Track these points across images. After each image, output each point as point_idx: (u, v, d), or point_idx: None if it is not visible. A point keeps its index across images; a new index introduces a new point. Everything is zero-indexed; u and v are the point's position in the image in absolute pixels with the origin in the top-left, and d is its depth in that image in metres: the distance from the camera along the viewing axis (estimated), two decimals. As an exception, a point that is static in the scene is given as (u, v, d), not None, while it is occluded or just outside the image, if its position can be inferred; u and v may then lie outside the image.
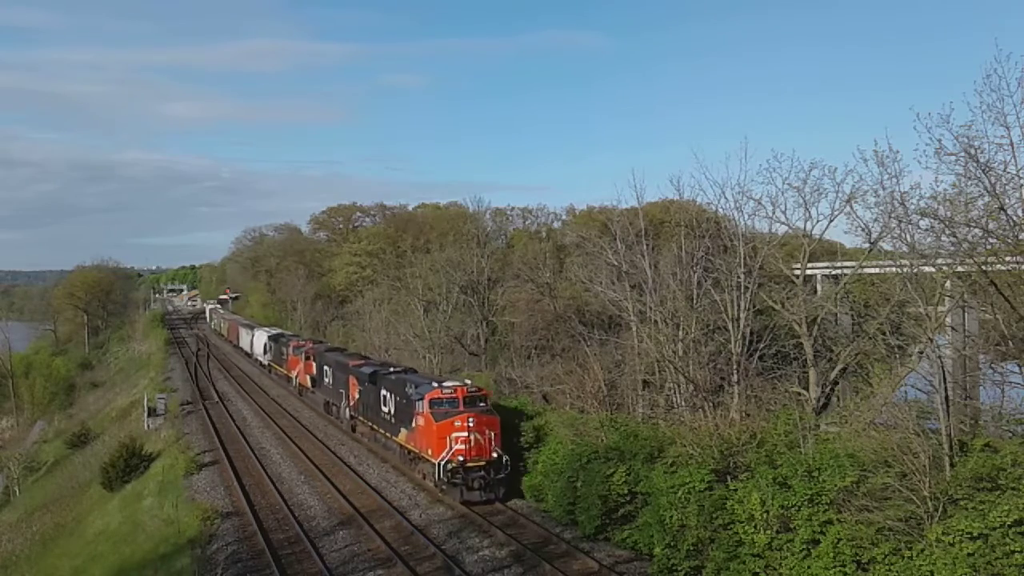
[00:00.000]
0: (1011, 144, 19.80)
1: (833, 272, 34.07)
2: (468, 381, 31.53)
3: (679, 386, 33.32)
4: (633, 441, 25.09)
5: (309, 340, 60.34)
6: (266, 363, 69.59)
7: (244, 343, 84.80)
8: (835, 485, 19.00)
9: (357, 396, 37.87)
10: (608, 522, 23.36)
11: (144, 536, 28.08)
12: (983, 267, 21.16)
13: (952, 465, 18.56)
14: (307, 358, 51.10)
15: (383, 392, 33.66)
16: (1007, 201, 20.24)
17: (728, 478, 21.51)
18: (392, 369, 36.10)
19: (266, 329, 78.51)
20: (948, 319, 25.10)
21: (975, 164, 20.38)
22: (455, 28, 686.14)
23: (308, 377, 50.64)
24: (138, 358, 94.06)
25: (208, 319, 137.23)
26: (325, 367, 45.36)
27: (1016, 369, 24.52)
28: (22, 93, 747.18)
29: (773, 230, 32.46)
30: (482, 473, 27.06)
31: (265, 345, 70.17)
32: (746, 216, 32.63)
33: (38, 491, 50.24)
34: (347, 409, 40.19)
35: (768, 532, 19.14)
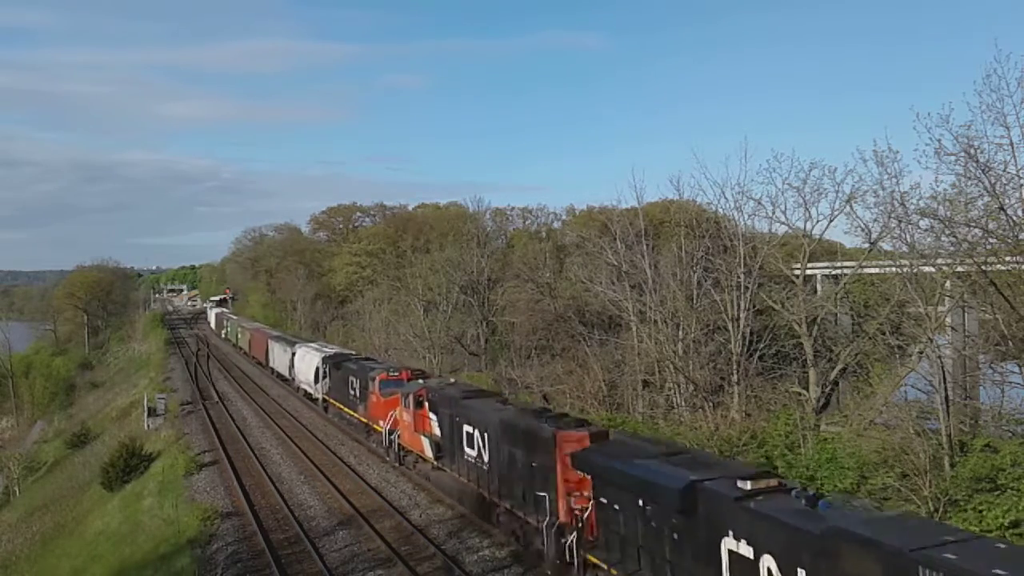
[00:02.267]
0: (1011, 144, 19.90)
1: (833, 272, 34.08)
2: None
3: (679, 386, 33.37)
4: None
5: (406, 370, 35.32)
6: (318, 396, 46.87)
7: (278, 363, 61.95)
8: (835, 485, 19.02)
9: (599, 516, 17.34)
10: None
11: (144, 536, 28.07)
12: (983, 267, 21.19)
13: (952, 465, 18.59)
14: (418, 405, 28.68)
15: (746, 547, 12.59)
16: (1007, 201, 20.27)
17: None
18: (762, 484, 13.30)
19: (315, 346, 53.92)
20: (948, 319, 25.12)
21: (975, 164, 20.44)
22: (456, 28, 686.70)
23: (424, 440, 28.16)
24: (138, 358, 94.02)
25: (213, 324, 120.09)
26: (471, 431, 24.03)
27: (1016, 369, 24.55)
28: (24, 93, 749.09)
29: (773, 230, 32.56)
30: None
31: (319, 371, 46.63)
32: (746, 216, 32.77)
33: (38, 491, 50.24)
34: (563, 535, 18.41)
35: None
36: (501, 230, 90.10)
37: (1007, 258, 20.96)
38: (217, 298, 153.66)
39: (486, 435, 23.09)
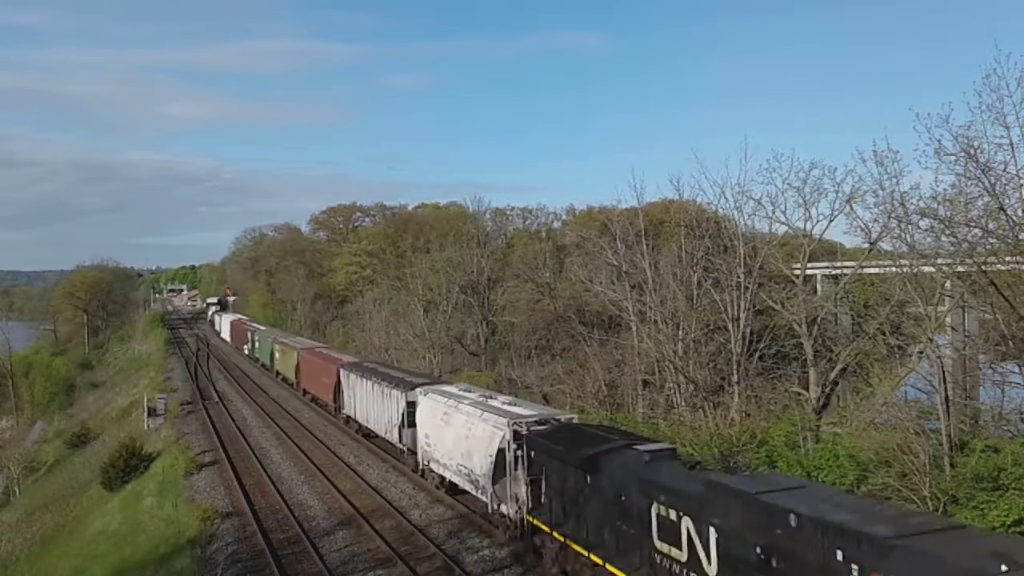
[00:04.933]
0: (1011, 144, 19.90)
1: (833, 272, 34.09)
2: None
3: (679, 386, 33.37)
4: None
5: None
6: (501, 506, 22.37)
7: (367, 411, 36.52)
8: (835, 484, 19.00)
9: None
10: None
11: (144, 536, 28.06)
12: (983, 267, 21.19)
13: (952, 465, 18.59)
14: None
15: None
16: (1007, 201, 20.28)
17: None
18: None
19: (471, 395, 28.05)
20: (948, 319, 25.13)
21: (975, 164, 20.45)
22: (457, 29, 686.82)
23: None
24: (138, 358, 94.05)
25: (227, 334, 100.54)
26: None
27: (1016, 369, 24.52)
28: (25, 93, 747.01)
29: (773, 230, 32.57)
30: None
31: (505, 457, 21.72)
32: (746, 216, 32.77)
33: (38, 491, 50.24)
34: None
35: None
36: (501, 230, 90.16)
37: (1007, 258, 20.97)
38: (215, 299, 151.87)
39: None
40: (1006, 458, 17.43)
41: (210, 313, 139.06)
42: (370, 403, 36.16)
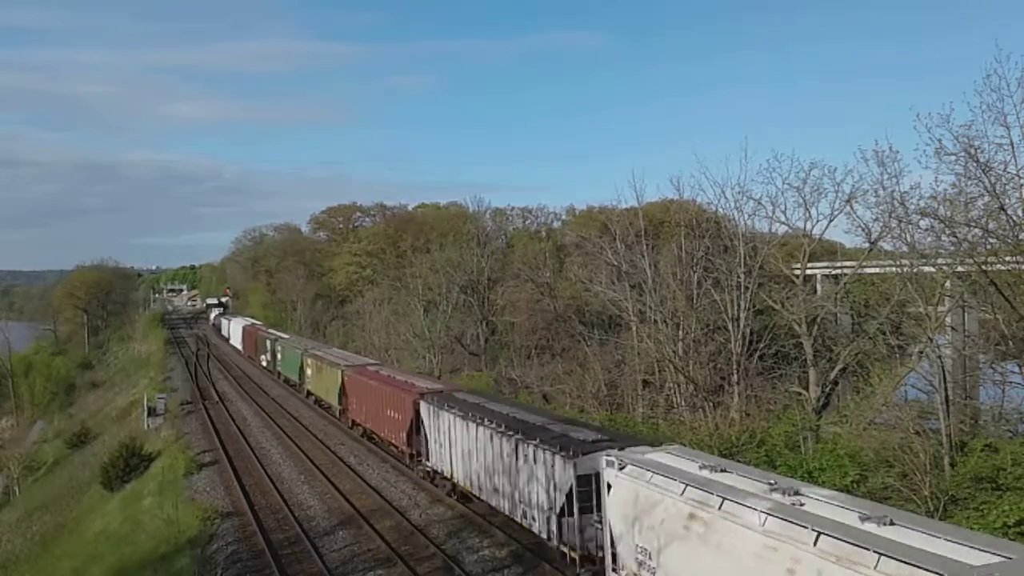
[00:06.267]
0: (1011, 144, 19.94)
1: (833, 272, 34.13)
2: None
3: (679, 386, 33.38)
4: None
5: None
6: None
7: (504, 487, 21.84)
8: (835, 484, 19.01)
9: None
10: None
11: (144, 536, 28.06)
12: (983, 267, 21.21)
13: (952, 465, 18.60)
14: None
15: None
16: (1007, 201, 20.30)
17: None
18: None
19: (795, 506, 12.12)
20: (948, 319, 25.15)
21: (975, 164, 20.48)
22: (457, 29, 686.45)
23: None
24: (138, 358, 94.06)
25: (239, 341, 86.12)
26: None
27: (1016, 369, 24.56)
28: (26, 93, 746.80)
29: (773, 230, 32.62)
30: None
31: None
32: (746, 216, 32.84)
33: (38, 491, 50.25)
34: None
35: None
36: (501, 230, 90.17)
37: (1007, 258, 21.00)
38: (215, 299, 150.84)
39: None
40: (1006, 458, 17.44)
41: (213, 316, 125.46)
42: (484, 461, 23.22)
